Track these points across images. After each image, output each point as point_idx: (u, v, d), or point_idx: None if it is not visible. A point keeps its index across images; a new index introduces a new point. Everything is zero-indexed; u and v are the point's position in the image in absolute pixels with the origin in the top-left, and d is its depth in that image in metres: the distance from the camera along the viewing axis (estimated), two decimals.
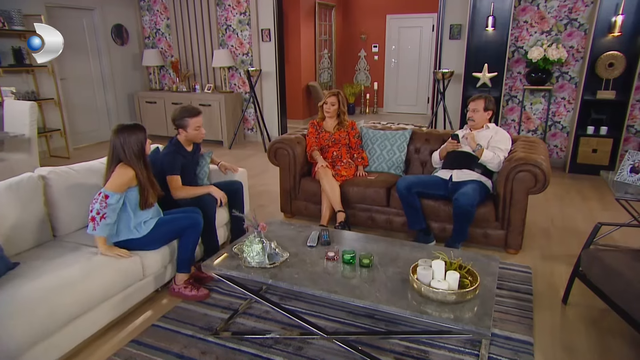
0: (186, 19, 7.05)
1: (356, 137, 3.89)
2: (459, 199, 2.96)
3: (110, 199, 2.33)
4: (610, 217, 3.84)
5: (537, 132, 5.46)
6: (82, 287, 2.16)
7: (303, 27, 8.18)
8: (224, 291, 2.73)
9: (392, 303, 1.86)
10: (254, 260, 2.22)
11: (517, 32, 5.24)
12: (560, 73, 5.20)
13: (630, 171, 3.01)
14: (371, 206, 3.54)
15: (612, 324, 2.38)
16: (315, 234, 2.51)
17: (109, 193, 2.33)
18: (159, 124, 7.19)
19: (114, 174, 2.38)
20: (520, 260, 3.12)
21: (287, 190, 3.84)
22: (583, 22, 5.00)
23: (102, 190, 2.34)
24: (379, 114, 9.80)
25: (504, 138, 3.31)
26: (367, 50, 9.81)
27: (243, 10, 6.65)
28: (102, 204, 2.32)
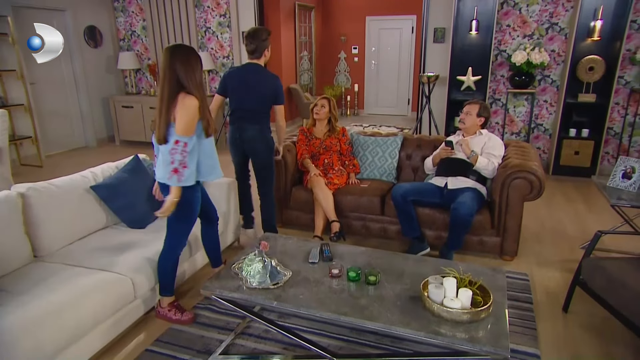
0: (163, 21, 6.84)
1: (347, 144, 3.83)
2: (458, 208, 2.93)
3: (188, 146, 2.12)
4: (597, 219, 3.90)
5: (521, 135, 5.53)
6: (70, 315, 2.01)
7: (283, 28, 8.06)
8: (220, 310, 2.62)
9: (405, 324, 1.80)
10: (255, 280, 2.12)
11: (500, 35, 5.29)
12: (543, 76, 5.27)
13: (622, 177, 3.05)
14: (365, 215, 3.48)
15: (615, 331, 2.38)
16: (316, 249, 2.42)
17: (185, 139, 2.11)
18: (136, 129, 6.96)
19: (180, 112, 2.08)
20: (516, 267, 3.12)
21: (278, 200, 3.73)
22: (564, 26, 5.08)
23: (178, 138, 2.10)
24: (359, 116, 9.78)
25: (497, 144, 3.30)
26: (347, 52, 9.77)
27: (223, 12, 6.50)
28: (183, 153, 2.11)
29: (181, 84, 2.13)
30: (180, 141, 2.11)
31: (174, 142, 2.12)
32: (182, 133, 2.11)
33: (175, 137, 2.11)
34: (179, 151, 2.11)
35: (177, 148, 2.11)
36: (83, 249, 2.57)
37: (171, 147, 2.12)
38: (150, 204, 2.95)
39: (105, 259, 2.43)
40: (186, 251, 2.76)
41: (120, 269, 2.36)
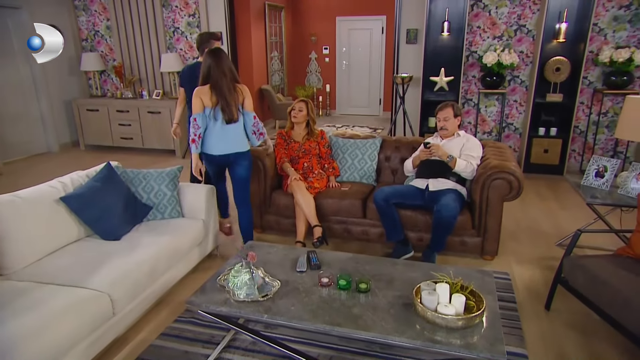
0: (129, 21, 6.59)
1: (326, 147, 3.79)
2: (441, 210, 2.94)
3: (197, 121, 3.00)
4: (569, 216, 4.02)
5: (492, 134, 5.65)
6: (44, 339, 1.87)
7: (253, 28, 7.95)
8: (203, 322, 2.52)
9: (400, 333, 1.78)
10: (242, 292, 2.05)
11: (470, 37, 5.38)
12: (512, 77, 5.41)
13: (595, 175, 3.15)
14: (347, 218, 3.45)
15: (596, 328, 2.45)
16: (303, 257, 2.37)
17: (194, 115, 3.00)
18: (102, 133, 6.69)
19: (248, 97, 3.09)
20: (497, 266, 3.16)
21: (257, 205, 3.65)
22: (531, 28, 5.22)
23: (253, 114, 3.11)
24: (332, 116, 9.77)
25: (476, 145, 3.34)
26: (317, 52, 9.74)
27: (192, 12, 6.33)
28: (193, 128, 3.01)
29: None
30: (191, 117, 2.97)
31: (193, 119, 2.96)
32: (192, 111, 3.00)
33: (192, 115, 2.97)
34: (190, 125, 2.97)
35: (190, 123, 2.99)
36: (54, 264, 2.42)
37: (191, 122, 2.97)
38: (125, 214, 2.83)
39: (79, 275, 2.29)
40: (164, 263, 2.66)
41: (97, 285, 2.23)
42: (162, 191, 3.04)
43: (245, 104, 3.04)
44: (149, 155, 6.53)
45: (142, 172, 3.08)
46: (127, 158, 6.11)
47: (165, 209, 3.04)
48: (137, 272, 2.43)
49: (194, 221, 3.06)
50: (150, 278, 2.54)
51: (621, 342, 2.30)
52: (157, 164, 5.99)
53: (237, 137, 3.07)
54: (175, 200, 3.07)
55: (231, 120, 2.97)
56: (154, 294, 2.61)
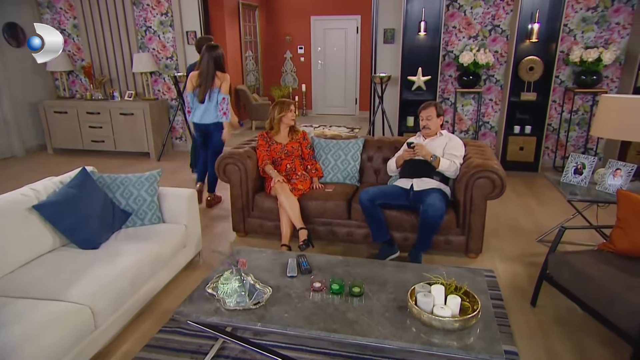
0: (97, 19, 6.36)
1: (308, 148, 3.75)
2: (427, 210, 2.95)
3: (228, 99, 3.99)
4: (547, 212, 4.12)
5: (469, 133, 5.74)
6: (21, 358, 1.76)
7: (228, 28, 7.82)
8: (189, 332, 2.44)
9: (398, 337, 1.76)
10: (233, 300, 1.98)
11: (447, 36, 5.44)
12: (488, 76, 5.50)
13: (574, 172, 3.22)
14: (332, 220, 3.42)
15: (581, 322, 2.50)
16: (292, 261, 2.32)
17: (227, 96, 3.98)
18: (72, 136, 6.43)
19: (225, 83, 3.95)
20: (481, 264, 3.20)
21: (240, 208, 3.58)
22: (505, 28, 5.32)
23: (225, 96, 3.95)
24: (308, 116, 9.74)
25: (458, 145, 3.37)
26: (293, 51, 9.68)
27: (164, 10, 6.16)
28: (228, 105, 3.98)
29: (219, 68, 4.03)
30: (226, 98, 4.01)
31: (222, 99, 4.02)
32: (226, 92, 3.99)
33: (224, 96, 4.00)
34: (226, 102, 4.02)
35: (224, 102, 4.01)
36: (28, 276, 2.28)
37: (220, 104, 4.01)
38: (103, 222, 2.71)
39: (56, 287, 2.16)
40: (146, 272, 2.56)
41: (77, 297, 2.11)
42: (142, 196, 2.93)
43: (221, 87, 3.96)
44: (122, 158, 6.32)
45: (120, 177, 2.96)
46: (99, 162, 5.90)
47: (145, 215, 2.93)
48: (118, 282, 2.33)
49: (176, 226, 2.97)
50: (132, 287, 2.44)
51: (606, 335, 2.36)
52: (132, 167, 5.81)
53: (209, 111, 4.04)
54: (155, 206, 2.96)
55: (201, 101, 3.98)
56: (136, 304, 2.50)
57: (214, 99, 3.96)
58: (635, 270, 2.27)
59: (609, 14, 5.04)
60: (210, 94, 3.94)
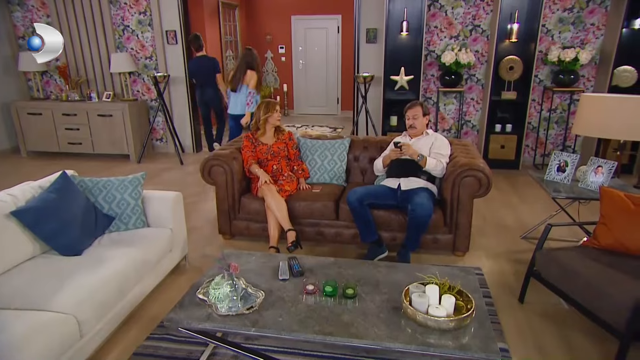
0: (72, 18, 6.17)
1: (294, 148, 3.72)
2: (416, 210, 2.96)
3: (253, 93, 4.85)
4: (530, 209, 4.19)
5: (452, 132, 5.80)
6: None
7: (208, 27, 7.71)
8: (178, 339, 2.38)
9: (394, 338, 1.75)
10: (225, 305, 1.94)
11: (429, 36, 5.48)
12: (469, 75, 5.57)
13: (557, 170, 3.28)
14: (319, 220, 3.40)
15: (568, 318, 2.55)
16: (284, 264, 2.29)
17: (253, 90, 4.84)
18: (47, 138, 6.23)
19: (252, 80, 4.83)
20: (469, 262, 3.23)
21: (226, 210, 3.52)
22: (485, 28, 5.40)
23: (250, 90, 4.83)
24: (290, 116, 9.68)
25: (444, 144, 3.39)
26: (273, 51, 9.61)
27: (142, 9, 6.02)
28: (254, 97, 4.81)
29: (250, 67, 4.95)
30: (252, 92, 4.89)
31: (249, 93, 4.89)
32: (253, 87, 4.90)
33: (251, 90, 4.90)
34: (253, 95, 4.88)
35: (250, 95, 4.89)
36: (8, 286, 2.18)
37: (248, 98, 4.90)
38: (85, 227, 2.63)
39: (39, 296, 2.08)
40: (132, 278, 2.49)
41: (61, 306, 2.03)
42: (125, 200, 2.85)
43: (249, 83, 4.86)
44: (100, 160, 6.16)
45: (102, 180, 2.87)
46: (76, 164, 5.73)
47: (129, 219, 2.85)
48: (104, 289, 2.26)
49: (161, 230, 2.90)
50: (118, 294, 2.37)
51: (593, 330, 2.41)
52: (111, 169, 5.67)
53: (239, 103, 5.00)
54: (139, 210, 2.88)
55: (232, 89, 5.00)
56: (122, 311, 2.43)
57: (243, 92, 4.87)
58: (620, 266, 2.32)
59: (584, 15, 5.17)
60: (240, 87, 4.90)
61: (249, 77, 4.86)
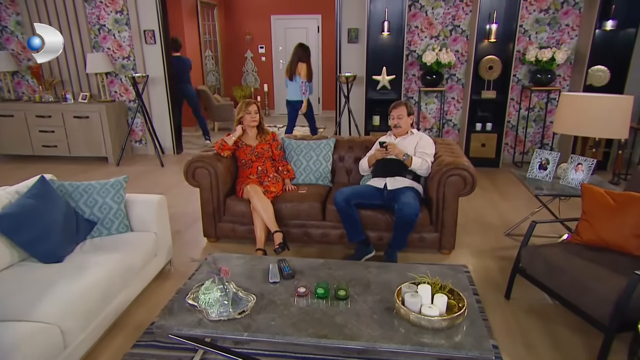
0: (44, 16, 5.97)
1: (279, 149, 3.68)
2: (403, 209, 2.97)
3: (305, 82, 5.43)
4: (511, 207, 4.27)
5: (433, 131, 5.86)
6: None
7: (186, 27, 7.60)
8: (166, 345, 2.33)
9: (388, 339, 1.75)
10: (215, 310, 1.91)
11: (409, 36, 5.53)
12: (450, 75, 5.64)
13: (539, 168, 3.35)
14: (306, 221, 3.38)
15: (553, 313, 2.60)
16: (274, 267, 2.27)
17: (304, 80, 5.41)
18: (20, 141, 6.02)
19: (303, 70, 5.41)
20: (455, 260, 3.27)
21: (211, 213, 3.47)
22: (465, 28, 5.47)
23: (302, 80, 5.41)
24: (271, 117, 9.63)
25: (429, 143, 3.42)
26: (253, 51, 9.53)
27: (119, 8, 5.88)
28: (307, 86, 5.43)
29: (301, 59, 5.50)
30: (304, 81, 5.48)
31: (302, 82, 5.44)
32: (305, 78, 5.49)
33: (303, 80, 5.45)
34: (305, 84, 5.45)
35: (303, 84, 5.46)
36: None
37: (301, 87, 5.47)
38: (66, 233, 2.54)
39: (19, 306, 2.00)
40: (117, 284, 2.43)
41: (43, 316, 1.96)
42: (107, 204, 2.77)
43: (301, 74, 5.41)
44: (77, 163, 5.99)
45: (83, 184, 2.79)
46: (52, 168, 5.56)
47: (111, 224, 2.78)
48: (87, 297, 2.19)
49: (145, 235, 2.83)
50: (102, 301, 2.30)
51: (578, 324, 2.46)
52: (89, 173, 5.52)
53: (293, 91, 5.55)
54: (122, 214, 2.81)
55: (288, 77, 5.54)
56: (107, 319, 2.37)
57: (297, 81, 5.45)
58: (602, 260, 2.38)
59: (559, 16, 5.30)
60: (294, 77, 5.47)
61: (300, 68, 5.43)
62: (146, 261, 2.76)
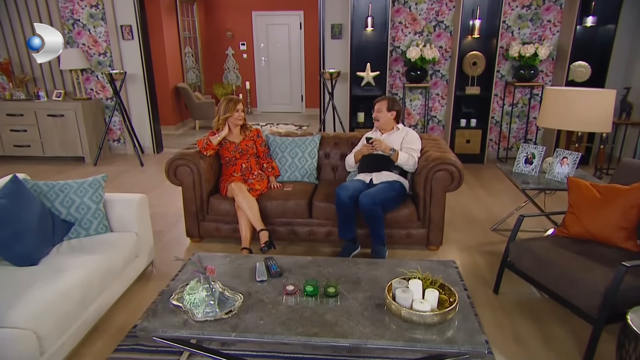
0: (14, 10, 5.76)
1: (263, 146, 3.61)
2: (361, 199, 2.95)
3: None
4: (497, 202, 4.29)
5: (418, 127, 5.86)
6: None
7: (165, 23, 7.43)
8: (149, 348, 2.24)
9: (380, 336, 1.70)
10: (201, 311, 1.83)
11: (393, 32, 5.50)
12: (434, 71, 5.64)
13: (525, 162, 3.36)
14: (292, 219, 3.32)
15: (542, 307, 2.60)
16: (260, 265, 2.20)
17: None
18: None
19: None
20: (443, 255, 3.25)
21: (193, 212, 3.37)
22: (448, 24, 5.48)
23: None
24: (254, 114, 9.52)
25: (415, 138, 3.39)
26: (234, 48, 9.40)
27: (94, 2, 5.70)
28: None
29: None
30: None
31: None
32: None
33: None
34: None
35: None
36: None
37: None
38: (41, 234, 2.43)
39: None
40: (96, 287, 2.33)
41: (17, 322, 1.85)
42: (85, 204, 2.66)
43: None
44: (52, 163, 5.80)
45: (59, 184, 2.66)
46: (25, 168, 5.36)
47: (89, 225, 2.66)
48: (65, 301, 2.08)
49: (126, 235, 2.73)
50: (81, 305, 2.20)
51: (566, 316, 2.47)
52: (65, 173, 5.35)
53: None
54: (101, 214, 2.70)
55: None
56: (86, 323, 2.26)
57: None
58: (589, 253, 2.38)
59: (541, 12, 5.35)
60: None
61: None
62: (127, 262, 2.66)
